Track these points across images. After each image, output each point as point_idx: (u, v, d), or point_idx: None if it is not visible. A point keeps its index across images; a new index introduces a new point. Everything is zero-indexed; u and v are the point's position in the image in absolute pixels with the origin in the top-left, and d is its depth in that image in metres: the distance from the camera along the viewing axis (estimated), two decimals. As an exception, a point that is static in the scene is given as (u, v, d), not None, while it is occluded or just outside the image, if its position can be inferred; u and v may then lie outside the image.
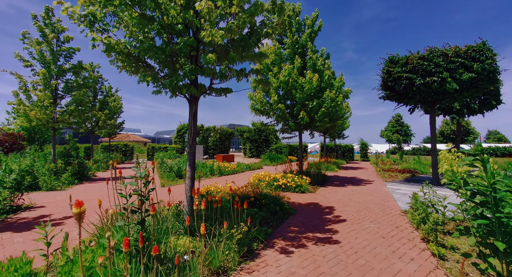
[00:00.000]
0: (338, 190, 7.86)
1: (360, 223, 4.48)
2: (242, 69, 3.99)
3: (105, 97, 17.08)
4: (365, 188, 8.37)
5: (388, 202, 6.23)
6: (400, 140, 22.55)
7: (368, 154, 24.23)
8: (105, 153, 22.17)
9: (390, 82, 9.21)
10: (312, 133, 10.47)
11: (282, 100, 8.98)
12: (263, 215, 4.56)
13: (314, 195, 7.01)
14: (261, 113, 9.28)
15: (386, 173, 12.58)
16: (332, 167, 14.41)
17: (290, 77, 8.30)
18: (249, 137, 30.51)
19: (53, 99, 9.13)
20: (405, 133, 33.51)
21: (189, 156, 3.62)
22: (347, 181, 10.15)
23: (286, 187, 7.52)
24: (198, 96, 3.62)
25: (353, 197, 6.83)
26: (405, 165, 15.30)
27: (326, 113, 8.67)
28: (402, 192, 7.53)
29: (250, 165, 15.52)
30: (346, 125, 19.46)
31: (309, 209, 5.42)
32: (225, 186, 5.73)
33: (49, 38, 8.81)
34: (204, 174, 11.24)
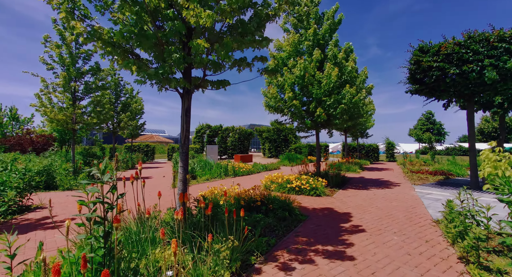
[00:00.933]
0: (358, 194, 7.14)
1: (381, 234, 3.84)
2: (243, 58, 3.58)
3: (127, 99, 17.60)
4: (390, 191, 7.54)
5: (417, 208, 5.45)
6: (432, 139, 20.64)
7: (394, 154, 22.60)
8: (128, 153, 23.02)
9: (419, 74, 8.25)
10: (330, 132, 9.76)
11: (298, 96, 8.43)
12: (268, 221, 4.10)
13: (331, 199, 6.39)
14: (275, 110, 8.80)
15: (415, 175, 11.44)
16: (353, 167, 13.47)
17: (306, 72, 7.72)
18: (268, 137, 30.05)
19: (72, 100, 9.42)
20: (438, 132, 30.86)
21: (181, 156, 3.28)
22: (369, 183, 9.30)
23: (300, 189, 6.97)
24: (192, 90, 3.26)
25: (375, 201, 6.11)
26: (437, 166, 13.89)
27: (346, 110, 7.96)
28: (434, 197, 6.62)
29: (266, 166, 15.07)
30: (370, 124, 18.26)
31: (322, 216, 4.85)
32: (232, 188, 5.35)
33: (68, 41, 9.09)
34: (218, 175, 11.00)
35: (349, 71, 7.98)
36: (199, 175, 10.66)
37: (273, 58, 8.85)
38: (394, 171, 13.72)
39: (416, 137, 27.36)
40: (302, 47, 8.86)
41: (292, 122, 9.43)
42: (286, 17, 9.19)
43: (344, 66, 8.07)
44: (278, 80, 8.32)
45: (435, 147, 24.63)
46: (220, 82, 3.39)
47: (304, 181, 7.00)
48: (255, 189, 5.06)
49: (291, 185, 6.99)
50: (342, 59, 8.10)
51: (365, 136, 20.25)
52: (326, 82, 7.65)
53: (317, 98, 8.05)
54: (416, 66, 8.25)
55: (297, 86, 8.27)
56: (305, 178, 7.24)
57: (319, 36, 8.54)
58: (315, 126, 8.63)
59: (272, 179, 7.63)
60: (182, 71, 3.16)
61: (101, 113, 10.18)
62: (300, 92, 8.55)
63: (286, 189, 7.12)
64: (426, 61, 8.00)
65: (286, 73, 8.09)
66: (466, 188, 3.79)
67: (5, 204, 4.27)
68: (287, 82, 8.08)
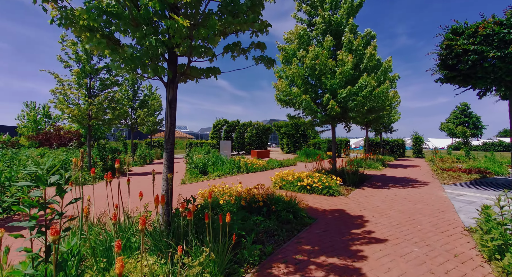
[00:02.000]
0: (377, 193, 6.48)
1: (399, 244, 3.29)
2: (236, 42, 3.17)
3: (145, 96, 17.94)
4: (414, 191, 6.77)
5: (445, 213, 4.73)
6: (467, 133, 18.63)
7: (423, 149, 20.93)
8: (147, 148, 23.72)
9: (451, 60, 7.26)
10: (348, 126, 9.05)
11: (310, 90, 7.84)
12: (269, 225, 3.70)
13: (344, 199, 5.82)
14: (286, 104, 8.30)
15: (446, 173, 10.34)
16: (375, 164, 12.55)
17: (318, 59, 7.10)
18: (286, 132, 29.43)
19: (87, 97, 9.63)
20: (474, 125, 28.12)
21: (165, 154, 2.98)
22: (391, 181, 8.50)
23: (312, 188, 6.47)
24: (177, 79, 2.92)
25: (395, 203, 5.45)
26: (472, 163, 12.51)
27: (363, 103, 7.25)
28: (467, 199, 5.79)
29: (282, 162, 14.61)
30: (395, 118, 16.97)
31: (332, 219, 4.36)
32: (236, 187, 5.01)
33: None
34: (230, 171, 10.76)
35: (368, 59, 7.22)
36: (210, 171, 10.50)
37: (282, 51, 8.28)
38: (421, 169, 12.59)
39: (448, 131, 25.04)
40: (313, 36, 8.20)
41: (306, 117, 8.87)
42: (299, 5, 8.54)
43: (363, 54, 7.32)
44: (288, 73, 7.78)
45: (471, 142, 22.40)
46: (209, 70, 3.01)
47: (316, 179, 6.47)
48: (259, 188, 4.68)
49: (302, 183, 6.51)
50: (359, 46, 7.34)
51: (389, 131, 18.90)
52: (341, 71, 6.98)
53: (332, 90, 7.41)
54: (448, 51, 7.27)
55: (309, 77, 7.67)
56: (318, 175, 6.71)
57: (334, 22, 7.82)
58: (329, 120, 7.99)
59: (283, 176, 7.19)
60: (164, 57, 2.83)
61: (116, 109, 10.33)
62: (312, 85, 7.95)
63: (296, 187, 6.65)
64: (460, 45, 7.02)
65: (294, 65, 7.52)
66: (508, 191, 3.10)
67: (9, 200, 4.31)
68: (296, 75, 7.51)
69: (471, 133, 22.94)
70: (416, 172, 11.15)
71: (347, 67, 6.86)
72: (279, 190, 6.93)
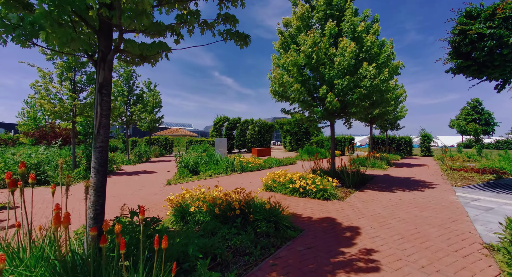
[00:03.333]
0: (378, 197, 5.75)
1: (401, 268, 2.60)
2: (193, 11, 2.50)
3: (141, 92, 17.39)
4: (421, 195, 6.01)
5: (459, 223, 4.00)
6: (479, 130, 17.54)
7: (431, 147, 19.91)
8: (147, 146, 23.30)
9: (465, 47, 6.44)
10: (349, 122, 8.29)
11: (307, 82, 7.12)
12: (241, 240, 3.04)
13: (341, 204, 5.12)
14: (282, 98, 7.61)
15: (457, 173, 9.50)
16: (379, 163, 11.75)
17: (316, 47, 6.37)
18: (289, 130, 28.73)
19: (72, 91, 9.12)
20: (486, 122, 26.76)
21: (94, 153, 2.34)
22: (396, 183, 7.74)
23: (305, 191, 5.78)
24: (109, 57, 2.28)
25: (399, 210, 4.73)
26: (485, 163, 11.60)
27: (365, 95, 6.51)
28: (483, 205, 5.02)
29: (281, 160, 13.93)
30: (401, 114, 16.06)
31: (321, 231, 3.68)
32: (212, 190, 4.37)
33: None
34: (223, 170, 10.14)
35: (369, 46, 6.45)
36: (202, 170, 9.90)
37: (281, 35, 7.60)
38: (429, 168, 11.73)
39: (459, 128, 23.83)
40: (313, 21, 7.48)
41: (303, 112, 8.17)
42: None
43: (364, 40, 6.55)
44: (284, 61, 7.07)
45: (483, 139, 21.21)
46: (152, 46, 2.36)
47: (310, 181, 5.78)
48: (238, 192, 4.02)
49: (294, 185, 5.82)
50: (362, 32, 6.58)
51: (396, 128, 17.99)
52: (340, 61, 6.24)
53: (330, 82, 6.69)
54: (462, 36, 6.44)
55: (305, 67, 6.95)
56: (312, 177, 6.01)
57: (332, 6, 7.06)
58: (328, 116, 7.26)
59: (274, 177, 6.52)
60: (91, 27, 2.18)
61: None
62: (309, 77, 7.23)
63: (288, 189, 5.98)
64: (475, 29, 6.19)
65: (292, 52, 6.80)
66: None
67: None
68: (292, 63, 6.80)
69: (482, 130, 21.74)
70: (423, 172, 10.32)
71: (347, 56, 6.12)
72: (269, 193, 6.27)
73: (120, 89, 15.52)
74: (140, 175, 9.72)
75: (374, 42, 6.47)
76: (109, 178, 8.83)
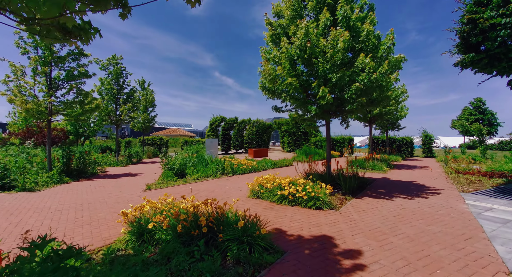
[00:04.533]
0: (378, 206, 5.07)
1: (408, 315, 1.92)
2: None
3: (131, 91, 16.69)
4: (426, 203, 5.34)
5: (474, 241, 3.33)
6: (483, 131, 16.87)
7: (433, 148, 19.23)
8: (140, 147, 22.63)
9: (475, 37, 5.76)
10: (346, 121, 7.62)
11: (303, 75, 6.46)
12: (201, 270, 2.37)
13: (334, 216, 4.44)
14: (272, 94, 6.93)
15: (462, 177, 8.82)
16: (379, 165, 11.08)
17: (309, 40, 5.71)
18: (287, 130, 28.10)
19: (48, 88, 8.45)
20: (489, 122, 26.04)
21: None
22: (397, 187, 7.07)
23: (294, 198, 5.10)
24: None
25: (401, 223, 4.05)
26: (492, 165, 10.91)
27: (363, 91, 5.85)
28: (499, 217, 4.34)
29: (276, 162, 13.24)
30: (402, 113, 15.37)
31: (307, 253, 3.01)
32: (179, 201, 3.69)
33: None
34: (212, 173, 9.47)
35: (365, 37, 5.78)
36: (189, 173, 9.23)
37: (270, 26, 6.92)
38: (432, 171, 11.05)
39: (461, 129, 23.10)
40: (307, 11, 6.81)
41: (296, 110, 7.50)
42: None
43: (359, 30, 5.88)
44: (275, 54, 6.41)
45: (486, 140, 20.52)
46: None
47: (300, 187, 5.11)
48: (208, 204, 3.35)
49: (283, 192, 5.15)
50: (357, 20, 5.91)
51: (396, 128, 17.30)
52: (332, 53, 5.58)
53: (324, 76, 6.03)
54: (471, 26, 5.77)
55: (298, 60, 6.28)
56: (302, 182, 5.34)
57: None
58: (322, 114, 6.59)
59: (262, 182, 5.85)
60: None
61: (84, 104, 9.12)
62: (303, 72, 6.58)
63: (276, 197, 5.31)
64: (487, 18, 5.52)
65: (285, 44, 6.13)
66: None
67: None
68: (284, 56, 6.14)
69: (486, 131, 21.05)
70: (426, 175, 9.64)
71: (339, 47, 5.45)
72: (256, 200, 5.60)
73: (108, 87, 14.85)
74: (123, 178, 9.05)
75: (371, 31, 5.80)
76: (87, 181, 8.17)
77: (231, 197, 5.89)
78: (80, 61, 8.83)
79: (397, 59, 6.05)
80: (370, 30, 5.78)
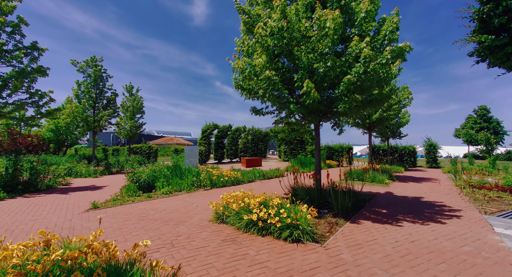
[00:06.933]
0: (379, 236, 3.75)
1: None
2: None
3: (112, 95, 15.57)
4: (444, 231, 4.01)
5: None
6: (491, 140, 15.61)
7: (437, 158, 17.88)
8: (126, 156, 21.35)
9: (496, 19, 4.60)
10: (338, 126, 6.38)
11: (282, 72, 5.27)
12: None
13: (317, 255, 3.12)
14: (249, 93, 5.73)
15: (478, 192, 7.48)
16: (380, 177, 9.75)
17: (286, 21, 4.56)
18: (283, 138, 26.90)
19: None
20: (494, 131, 24.77)
21: None
22: (403, 207, 5.73)
23: (265, 225, 3.79)
24: None
25: (413, 271, 2.73)
26: (509, 178, 9.55)
27: (357, 86, 4.65)
28: (553, 259, 3.01)
29: (265, 173, 11.92)
30: (403, 120, 14.14)
31: None
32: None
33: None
34: (187, 186, 8.15)
35: (362, 19, 4.63)
36: (159, 186, 7.92)
37: (244, 14, 5.78)
38: (440, 183, 9.70)
39: (466, 138, 21.81)
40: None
41: (279, 111, 6.28)
42: None
43: (353, 11, 4.74)
44: (248, 43, 5.26)
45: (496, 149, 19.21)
46: None
47: (274, 210, 3.79)
48: (91, 250, 2.04)
49: (250, 216, 3.84)
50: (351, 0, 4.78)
51: (398, 136, 16.03)
52: (318, 37, 4.41)
53: (310, 69, 4.84)
54: (493, 4, 4.62)
55: (276, 49, 5.10)
56: (278, 202, 4.03)
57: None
58: (309, 116, 5.35)
59: (228, 201, 4.54)
60: None
61: (39, 105, 7.94)
62: (285, 64, 5.40)
63: (243, 222, 3.99)
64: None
65: (258, 30, 4.98)
66: None
67: None
68: (259, 46, 4.98)
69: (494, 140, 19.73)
70: (435, 189, 8.30)
71: (327, 30, 4.28)
72: (220, 226, 4.28)
73: (86, 91, 13.75)
74: (79, 193, 7.72)
75: (370, 12, 4.65)
76: (27, 198, 6.86)
77: (189, 220, 4.57)
78: (33, 56, 7.71)
79: (401, 48, 4.86)
80: (369, 9, 4.62)
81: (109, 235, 3.71)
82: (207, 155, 24.61)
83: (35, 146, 15.82)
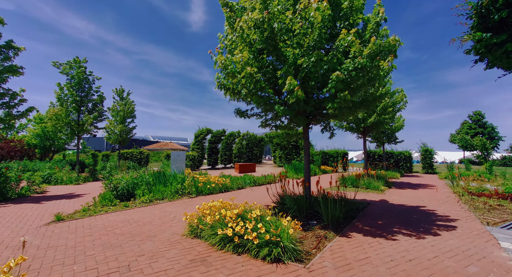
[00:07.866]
0: (372, 254, 3.27)
1: None
2: None
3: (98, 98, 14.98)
4: (445, 247, 3.55)
5: None
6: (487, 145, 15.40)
7: (433, 163, 17.58)
8: (116, 161, 20.67)
9: (497, 13, 4.27)
10: (327, 128, 5.97)
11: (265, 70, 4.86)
12: None
13: (298, 280, 2.63)
14: (232, 93, 5.29)
15: (478, 200, 7.08)
16: (375, 184, 9.31)
17: (267, 11, 4.17)
18: (278, 143, 26.51)
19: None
20: (489, 136, 24.68)
21: None
22: (399, 217, 5.27)
23: (242, 242, 3.30)
24: None
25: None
26: (508, 184, 9.19)
27: (347, 83, 4.26)
28: None
29: (256, 179, 11.42)
30: (397, 124, 13.83)
31: None
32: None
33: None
34: (170, 194, 7.61)
35: (348, 9, 4.27)
36: (139, 194, 7.37)
37: (226, 7, 5.38)
38: (438, 190, 9.29)
39: (461, 143, 21.61)
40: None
41: (264, 113, 5.84)
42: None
43: (340, 2, 4.38)
44: (230, 38, 4.86)
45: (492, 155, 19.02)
46: None
47: (252, 224, 3.31)
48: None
49: (225, 231, 3.35)
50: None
51: (393, 142, 15.70)
52: (303, 30, 4.01)
53: (295, 65, 4.43)
54: (490, -3, 4.29)
55: (259, 44, 4.69)
56: (257, 215, 3.54)
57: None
58: (295, 117, 4.91)
59: (204, 212, 4.03)
60: None
61: (10, 106, 7.40)
62: (270, 60, 5.00)
63: (217, 237, 3.48)
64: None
65: (240, 23, 4.57)
66: None
67: None
68: (240, 40, 4.58)
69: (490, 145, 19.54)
70: (433, 197, 7.87)
71: (313, 17, 3.89)
72: (194, 241, 3.77)
73: (69, 94, 13.19)
74: (51, 202, 7.13)
75: (355, 1, 4.28)
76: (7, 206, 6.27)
77: (160, 235, 4.05)
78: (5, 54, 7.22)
79: (389, 42, 4.49)
80: None
81: (56, 257, 3.17)
82: (200, 160, 24.03)
83: (17, 151, 15.13)
